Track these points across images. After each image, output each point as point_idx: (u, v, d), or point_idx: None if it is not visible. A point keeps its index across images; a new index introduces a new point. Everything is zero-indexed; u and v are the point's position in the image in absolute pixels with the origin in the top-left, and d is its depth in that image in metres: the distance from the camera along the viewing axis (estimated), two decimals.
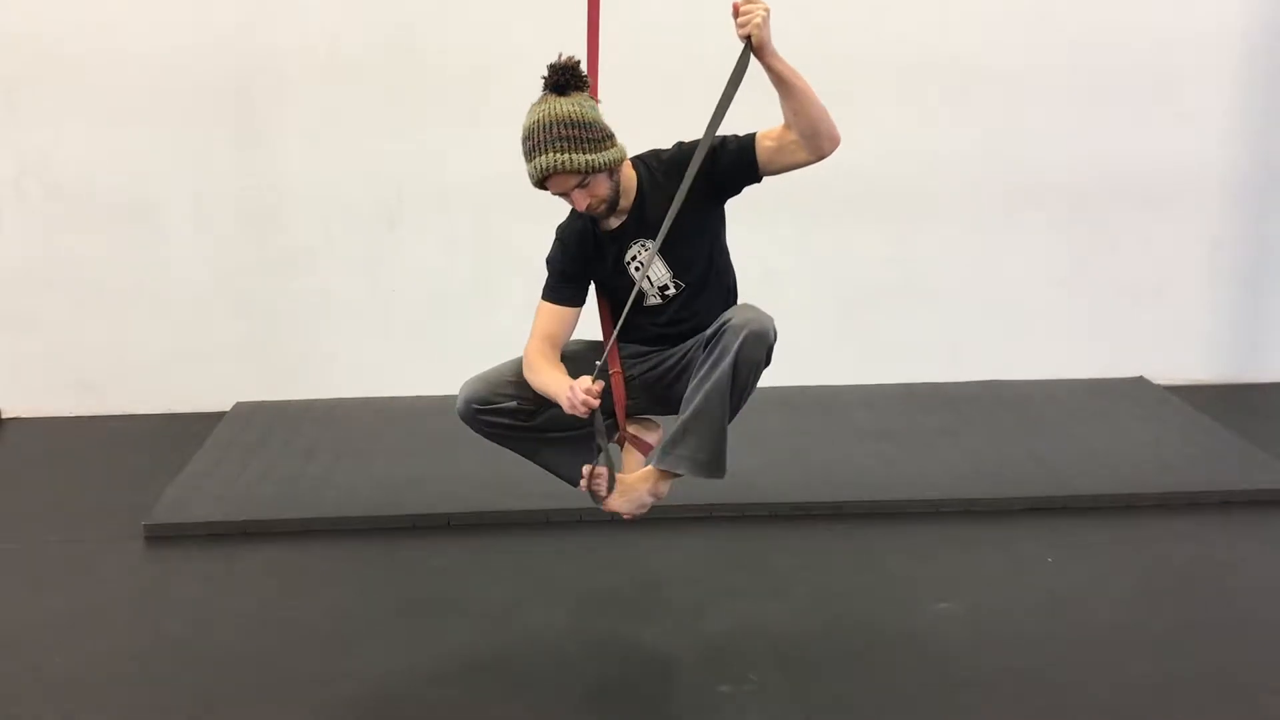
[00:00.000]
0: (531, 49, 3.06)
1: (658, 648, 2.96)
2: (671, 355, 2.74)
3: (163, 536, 3.56)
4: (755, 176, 2.66)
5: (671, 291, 2.73)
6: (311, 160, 4.51)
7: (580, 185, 2.54)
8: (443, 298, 4.65)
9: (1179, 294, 4.85)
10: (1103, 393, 4.63)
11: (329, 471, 3.96)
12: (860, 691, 2.72)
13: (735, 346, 2.54)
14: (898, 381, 4.74)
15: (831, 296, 4.75)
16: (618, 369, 2.74)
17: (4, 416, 4.65)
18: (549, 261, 2.77)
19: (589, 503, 2.88)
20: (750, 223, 4.49)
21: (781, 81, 2.48)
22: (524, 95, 2.84)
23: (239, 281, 4.62)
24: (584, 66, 2.61)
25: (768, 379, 4.69)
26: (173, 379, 4.67)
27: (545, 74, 2.56)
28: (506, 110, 4.14)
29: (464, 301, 4.61)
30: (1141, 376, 4.79)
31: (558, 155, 2.49)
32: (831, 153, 2.57)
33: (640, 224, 2.67)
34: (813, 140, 2.55)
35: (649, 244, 2.66)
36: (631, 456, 2.88)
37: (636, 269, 2.70)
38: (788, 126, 2.56)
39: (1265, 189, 4.76)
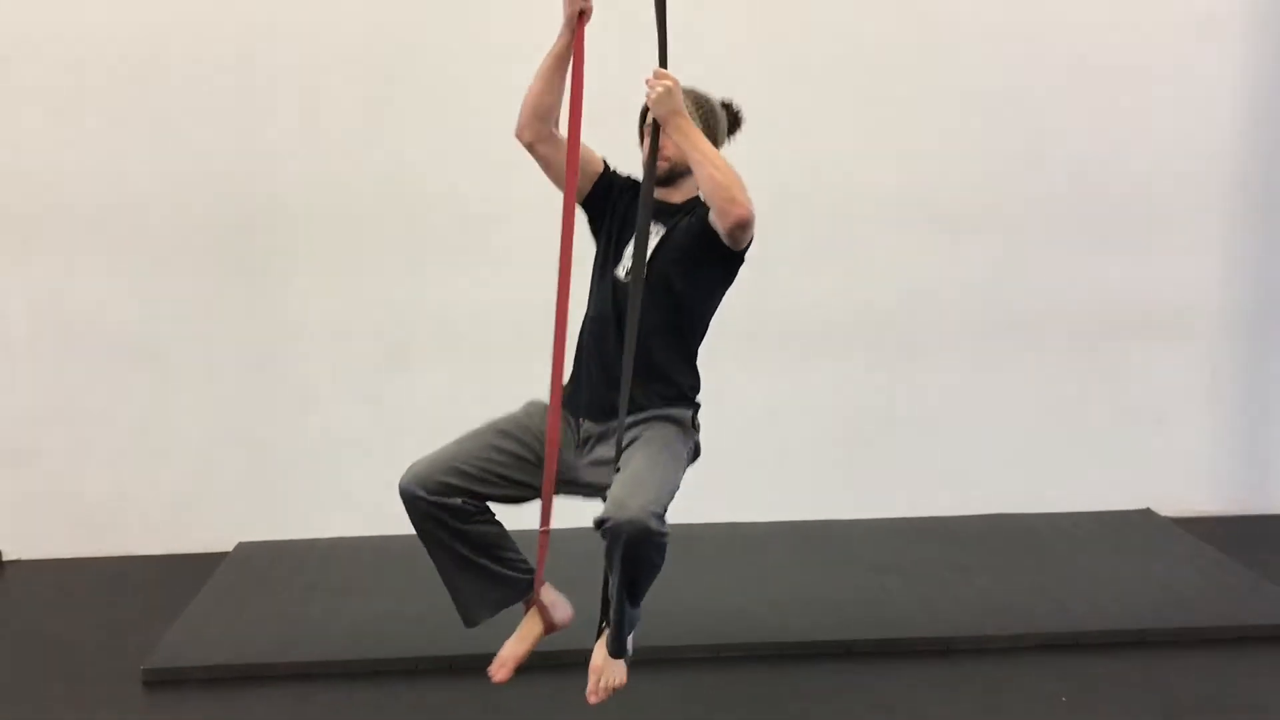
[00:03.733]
0: (535, 192, 3.15)
1: None
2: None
3: (162, 681, 3.50)
4: (719, 240, 2.72)
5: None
6: (318, 301, 4.59)
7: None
8: (447, 436, 4.65)
9: (1182, 425, 4.86)
10: (1110, 525, 4.61)
11: (331, 613, 3.91)
12: None
13: (618, 557, 2.54)
14: (902, 515, 4.71)
15: (833, 430, 4.76)
16: (547, 528, 2.79)
17: (5, 559, 4.62)
18: None
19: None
20: (751, 356, 4.59)
21: (683, 154, 2.67)
22: (526, 237, 2.91)
23: (244, 421, 4.64)
24: None
25: (772, 513, 4.72)
26: (176, 519, 4.65)
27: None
28: (510, 251, 4.25)
29: None
30: (1148, 508, 4.77)
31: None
32: (734, 229, 2.65)
33: (665, 223, 2.79)
34: (713, 211, 2.66)
35: (660, 227, 2.78)
36: (533, 621, 2.91)
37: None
38: None
39: (1263, 319, 4.83)
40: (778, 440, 4.73)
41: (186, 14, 4.43)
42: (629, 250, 2.79)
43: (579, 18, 2.80)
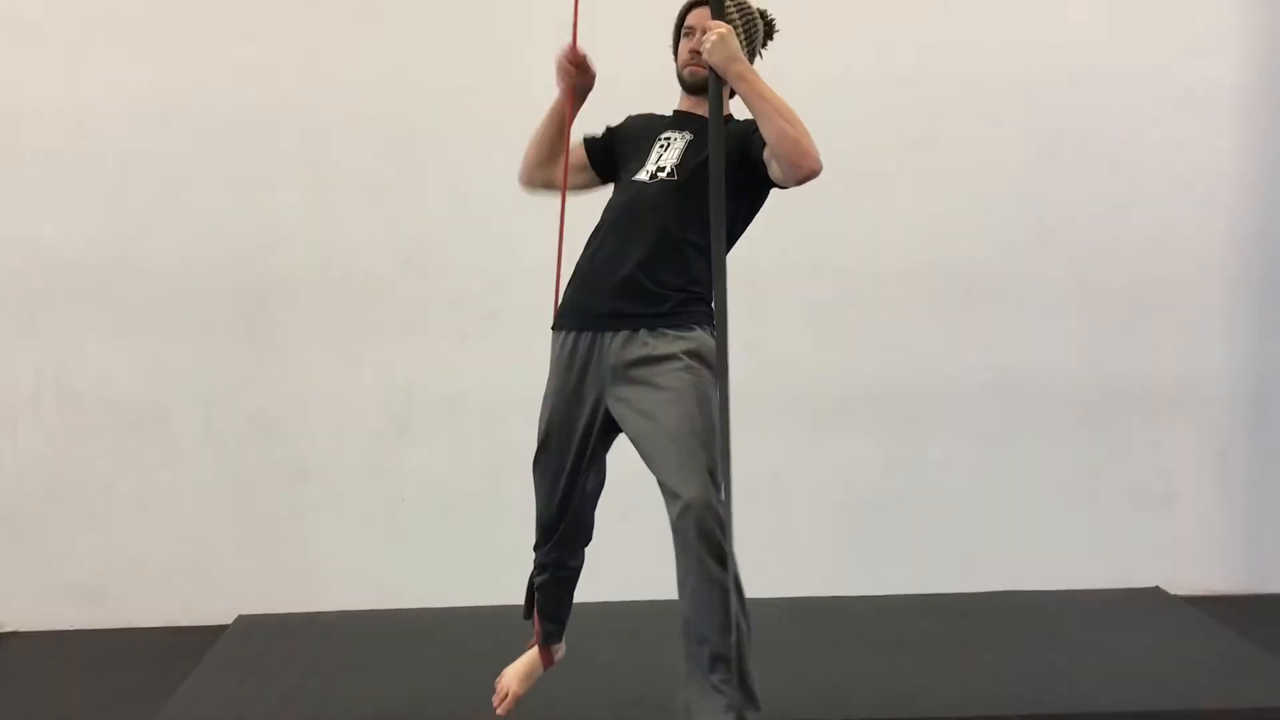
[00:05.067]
0: (539, 265, 3.17)
1: None
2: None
3: None
4: (764, 172, 2.75)
5: (663, 176, 2.81)
6: (322, 371, 4.60)
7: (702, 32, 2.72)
8: (451, 508, 4.65)
9: (1191, 503, 4.82)
10: (1119, 603, 4.55)
11: (331, 689, 3.86)
12: None
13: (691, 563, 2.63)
14: (909, 592, 4.66)
15: (839, 505, 4.73)
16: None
17: (4, 631, 4.59)
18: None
19: None
20: (756, 429, 4.58)
21: (746, 102, 2.63)
22: (532, 310, 2.92)
23: (247, 491, 4.63)
24: None
25: (776, 589, 4.67)
26: (176, 591, 4.63)
27: None
28: (516, 324, 4.28)
29: (472, 511, 4.61)
30: (1157, 586, 4.72)
31: None
32: (801, 181, 2.65)
33: (694, 131, 2.82)
34: (779, 162, 2.64)
35: (688, 134, 2.81)
36: (537, 659, 3.14)
37: (662, 144, 2.85)
38: None
39: (1273, 396, 4.81)
40: (782, 515, 4.71)
41: (196, 85, 4.50)
42: (651, 158, 2.84)
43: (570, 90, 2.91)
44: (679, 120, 2.93)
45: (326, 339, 4.59)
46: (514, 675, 3.12)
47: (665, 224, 2.76)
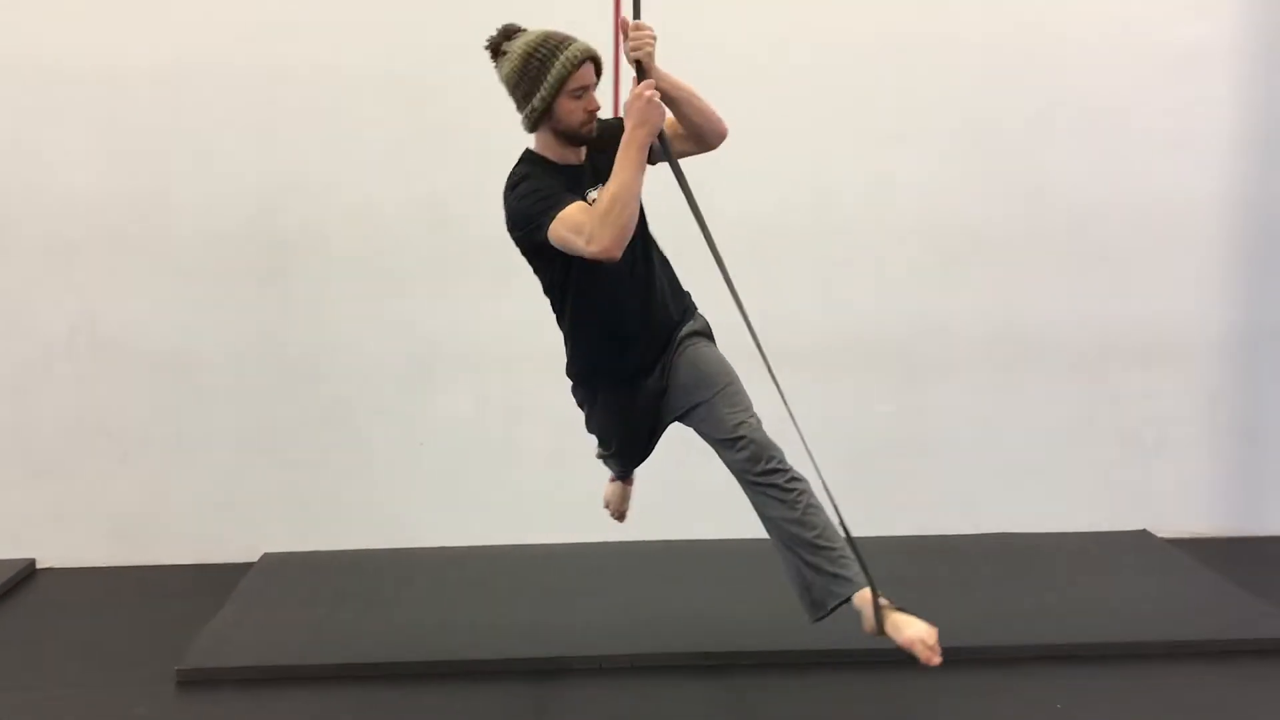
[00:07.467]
0: None
1: None
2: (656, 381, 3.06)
3: (195, 681, 3.64)
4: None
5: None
6: (346, 320, 4.75)
7: (592, 89, 2.83)
8: (471, 452, 4.80)
9: (1180, 449, 4.99)
10: (1107, 545, 4.73)
11: (352, 623, 4.02)
12: None
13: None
14: (907, 534, 4.83)
15: (839, 451, 4.84)
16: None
17: (39, 567, 4.76)
18: (539, 189, 2.80)
19: (609, 650, 2.97)
20: (758, 376, 4.71)
21: (667, 97, 2.78)
22: None
23: (273, 435, 4.79)
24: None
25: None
26: (206, 529, 4.80)
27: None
28: (535, 278, 4.35)
29: (491, 456, 4.75)
30: (1145, 530, 4.89)
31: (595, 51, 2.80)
32: (718, 146, 2.90)
33: (594, 172, 2.89)
34: (698, 140, 2.90)
35: (598, 182, 2.86)
36: (626, 488, 3.60)
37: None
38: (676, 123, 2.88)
39: (1259, 345, 4.96)
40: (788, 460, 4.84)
41: (226, 42, 4.62)
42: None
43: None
44: (577, 172, 2.90)
45: (352, 289, 4.73)
46: (618, 501, 3.64)
47: (651, 275, 2.99)
